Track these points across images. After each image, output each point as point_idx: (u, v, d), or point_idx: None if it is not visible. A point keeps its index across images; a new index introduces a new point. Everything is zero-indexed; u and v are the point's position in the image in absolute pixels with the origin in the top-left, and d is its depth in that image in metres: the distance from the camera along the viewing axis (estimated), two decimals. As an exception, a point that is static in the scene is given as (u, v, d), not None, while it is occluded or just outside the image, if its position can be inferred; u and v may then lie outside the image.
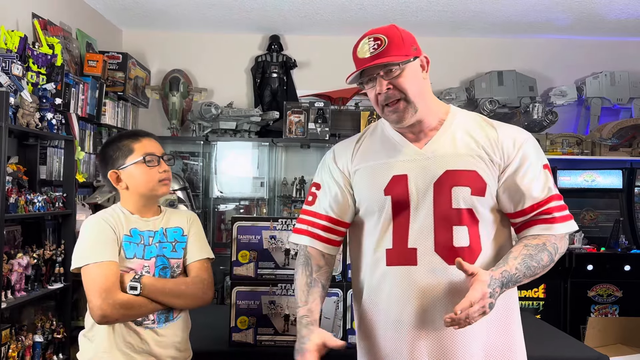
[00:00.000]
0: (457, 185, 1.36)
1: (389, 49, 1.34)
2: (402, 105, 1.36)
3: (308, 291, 1.46)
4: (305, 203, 1.55)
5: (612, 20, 4.13)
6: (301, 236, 1.52)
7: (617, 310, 3.76)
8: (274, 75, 4.53)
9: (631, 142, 4.28)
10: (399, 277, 1.37)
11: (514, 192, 1.38)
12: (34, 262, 2.63)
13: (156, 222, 1.66)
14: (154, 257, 1.60)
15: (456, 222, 1.36)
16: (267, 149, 4.42)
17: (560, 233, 1.37)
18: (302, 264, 1.49)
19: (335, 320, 1.96)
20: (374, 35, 1.37)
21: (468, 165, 1.37)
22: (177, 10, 4.12)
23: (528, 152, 1.39)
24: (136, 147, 1.62)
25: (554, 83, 4.59)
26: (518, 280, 1.31)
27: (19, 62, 2.65)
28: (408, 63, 1.36)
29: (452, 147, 1.39)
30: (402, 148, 1.43)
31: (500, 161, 1.38)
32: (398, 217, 1.39)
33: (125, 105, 4.19)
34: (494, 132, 1.41)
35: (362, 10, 4.04)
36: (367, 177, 1.45)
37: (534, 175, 1.38)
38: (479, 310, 1.21)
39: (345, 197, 1.49)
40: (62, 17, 3.55)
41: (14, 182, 2.71)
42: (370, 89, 1.39)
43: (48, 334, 2.68)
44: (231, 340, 1.96)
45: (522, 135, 1.42)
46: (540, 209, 1.37)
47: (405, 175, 1.39)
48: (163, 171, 1.63)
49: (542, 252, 1.34)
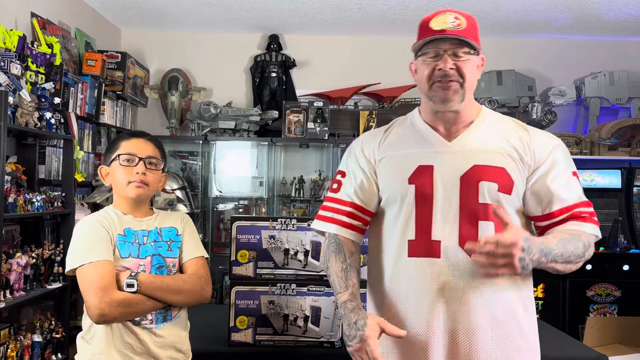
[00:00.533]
0: (484, 180, 1.35)
1: (468, 32, 1.34)
2: (455, 86, 1.35)
3: (346, 276, 1.43)
4: (330, 190, 1.55)
5: (611, 20, 4.13)
6: (327, 224, 1.50)
7: (616, 309, 3.77)
8: (273, 75, 4.52)
9: (630, 142, 4.29)
10: (421, 269, 1.36)
11: (542, 195, 1.38)
12: (32, 262, 2.62)
13: (150, 222, 1.65)
14: (150, 256, 1.59)
15: (482, 217, 1.35)
16: (266, 149, 4.42)
17: (591, 233, 1.37)
18: (334, 252, 1.47)
19: (334, 320, 1.96)
20: (454, 14, 1.36)
21: (497, 162, 1.37)
22: (176, 10, 4.11)
23: (559, 157, 1.40)
24: (122, 145, 1.61)
25: (553, 83, 4.59)
26: (556, 257, 1.28)
27: (17, 62, 2.64)
28: (475, 54, 1.37)
29: (481, 143, 1.39)
30: (430, 139, 1.43)
31: (531, 162, 1.38)
32: (421, 208, 1.38)
33: (124, 104, 4.19)
34: (527, 135, 1.41)
35: (361, 10, 4.04)
36: (392, 165, 1.45)
37: (564, 179, 1.38)
38: (505, 254, 1.18)
39: (370, 185, 1.48)
40: (61, 17, 3.55)
41: (13, 182, 2.71)
42: (427, 63, 1.36)
43: (47, 334, 2.68)
44: (230, 340, 1.96)
45: (555, 140, 1.43)
46: (570, 212, 1.37)
47: (432, 166, 1.39)
48: (137, 173, 1.58)
49: (579, 241, 1.33)
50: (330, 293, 1.96)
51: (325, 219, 1.51)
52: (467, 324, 1.34)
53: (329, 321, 1.96)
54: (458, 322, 1.34)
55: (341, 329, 1.95)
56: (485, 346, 1.34)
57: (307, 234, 1.98)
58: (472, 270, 1.33)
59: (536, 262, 1.25)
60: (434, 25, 1.35)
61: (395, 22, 4.29)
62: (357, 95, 4.60)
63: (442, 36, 1.33)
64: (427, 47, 1.37)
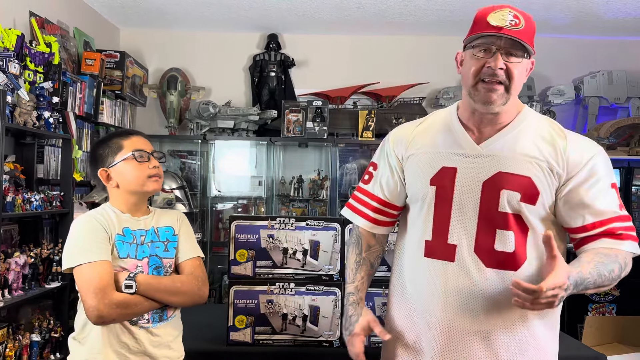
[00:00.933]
0: (506, 188, 1.30)
1: (525, 33, 1.28)
2: (501, 90, 1.29)
3: (356, 269, 1.50)
4: (362, 181, 1.57)
5: (609, 19, 4.14)
6: (355, 215, 1.54)
7: (615, 309, 3.77)
8: (272, 74, 4.52)
9: (629, 141, 4.29)
10: (435, 270, 1.36)
11: (576, 205, 1.31)
12: (31, 261, 2.62)
13: (147, 221, 1.65)
14: (147, 256, 1.59)
15: (501, 226, 1.31)
16: (265, 148, 4.42)
17: (629, 250, 1.30)
18: (353, 243, 1.54)
19: (333, 320, 1.96)
20: (514, 12, 1.30)
21: (523, 171, 1.31)
22: (175, 9, 4.11)
23: (597, 167, 1.31)
24: (125, 144, 1.61)
25: (552, 82, 4.59)
26: (588, 285, 1.23)
27: (16, 61, 2.64)
28: (527, 57, 1.31)
29: (510, 150, 1.33)
30: (459, 140, 1.38)
31: (563, 172, 1.31)
32: (440, 210, 1.36)
33: (123, 104, 4.18)
34: (564, 141, 1.33)
35: (360, 10, 4.04)
36: (417, 164, 1.43)
37: (600, 190, 1.30)
38: (551, 296, 1.13)
39: (396, 182, 1.49)
40: (60, 16, 3.54)
41: (11, 181, 2.70)
42: (477, 58, 1.30)
43: (45, 333, 2.68)
44: (229, 340, 1.96)
45: (594, 148, 1.34)
46: (605, 227, 1.30)
47: (455, 168, 1.36)
48: (153, 167, 1.61)
49: (614, 262, 1.26)
50: (329, 292, 1.96)
51: (353, 209, 1.55)
52: (479, 329, 1.32)
53: (328, 320, 1.96)
54: (468, 327, 1.33)
55: (339, 328, 1.96)
56: (495, 352, 1.32)
57: (305, 233, 1.98)
58: (483, 277, 1.31)
59: (569, 294, 1.20)
60: (492, 20, 1.28)
61: (395, 22, 4.29)
62: (356, 94, 4.60)
63: (499, 34, 1.27)
64: (479, 40, 1.30)
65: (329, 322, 1.96)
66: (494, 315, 1.32)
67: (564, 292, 1.16)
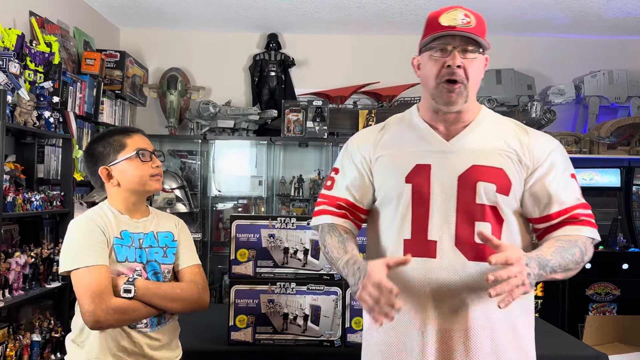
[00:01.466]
0: (482, 180, 1.34)
1: (477, 30, 1.33)
2: (460, 89, 1.34)
3: (344, 245, 1.42)
4: (324, 187, 1.54)
5: (610, 18, 4.13)
6: (320, 216, 1.50)
7: (615, 308, 3.77)
8: (272, 74, 4.52)
9: (629, 141, 4.29)
10: (416, 268, 1.35)
11: (541, 196, 1.37)
12: (31, 261, 2.62)
13: (146, 224, 1.62)
14: (146, 262, 1.57)
15: (479, 217, 1.34)
16: (265, 148, 4.42)
17: (588, 236, 1.35)
18: (327, 232, 1.46)
19: (334, 319, 1.95)
20: (464, 12, 1.34)
21: (495, 163, 1.36)
22: (175, 9, 4.11)
23: (558, 159, 1.39)
24: (128, 143, 1.59)
25: (552, 81, 4.59)
26: (554, 268, 1.27)
27: (16, 60, 2.64)
28: (482, 53, 1.36)
29: (480, 144, 1.39)
30: (429, 138, 1.42)
31: (530, 163, 1.37)
32: (417, 207, 1.37)
33: (123, 103, 4.18)
34: (526, 136, 1.40)
35: (360, 9, 4.04)
36: (389, 163, 1.44)
37: (562, 181, 1.38)
38: (518, 275, 1.16)
39: (364, 182, 1.47)
40: (60, 16, 3.54)
41: (12, 181, 2.70)
42: (435, 58, 1.35)
43: (46, 333, 2.67)
44: (230, 339, 1.96)
45: (553, 142, 1.43)
46: (568, 215, 1.36)
47: (429, 165, 1.38)
48: (155, 166, 1.60)
49: (574, 247, 1.32)
50: (330, 292, 1.96)
51: (318, 213, 1.51)
52: (462, 325, 1.33)
53: (329, 320, 1.96)
54: (452, 323, 1.33)
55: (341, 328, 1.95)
56: (480, 347, 1.33)
57: (306, 232, 1.98)
58: (467, 271, 1.32)
59: (538, 277, 1.23)
60: (444, 21, 1.33)
61: (395, 21, 4.29)
62: (356, 94, 4.60)
63: (453, 32, 1.32)
64: (434, 42, 1.35)
65: (330, 321, 1.96)
66: (479, 308, 1.33)
67: (527, 268, 1.18)
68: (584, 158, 4.25)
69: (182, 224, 1.71)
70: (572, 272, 1.33)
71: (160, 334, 1.57)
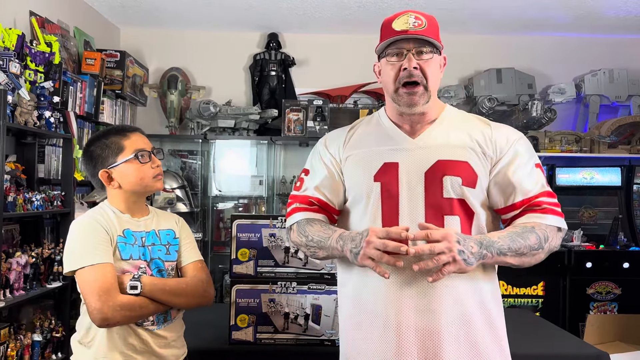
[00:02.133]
0: (448, 174, 1.37)
1: (429, 31, 1.38)
2: (420, 90, 1.38)
3: (328, 227, 1.45)
4: (294, 189, 1.57)
5: (610, 17, 4.13)
6: (293, 214, 1.51)
7: (616, 307, 3.77)
8: (273, 74, 4.52)
9: (630, 140, 4.29)
10: (389, 266, 1.33)
11: (505, 186, 1.40)
12: (32, 261, 2.62)
13: (147, 222, 1.63)
14: (149, 259, 1.57)
15: (447, 211, 1.37)
16: (265, 147, 4.42)
17: (551, 224, 1.37)
18: (305, 224, 1.47)
19: (335, 319, 1.95)
20: (415, 14, 1.39)
21: (460, 156, 1.39)
22: (175, 8, 4.11)
23: (520, 149, 1.42)
24: (126, 144, 1.57)
25: (553, 80, 4.59)
26: (501, 250, 1.30)
27: (16, 60, 2.64)
28: (437, 53, 1.41)
29: (444, 139, 1.42)
30: (395, 137, 1.46)
31: (493, 155, 1.41)
32: (387, 205, 1.39)
33: (123, 103, 4.18)
34: (488, 129, 1.44)
35: (361, 9, 4.04)
36: (357, 163, 1.46)
37: (525, 171, 1.40)
38: (446, 251, 1.22)
39: (335, 181, 1.50)
40: (60, 15, 3.54)
41: (12, 181, 2.70)
42: (392, 63, 1.40)
43: (47, 333, 2.68)
44: (231, 339, 1.96)
45: (516, 134, 1.46)
46: (531, 202, 1.38)
47: (397, 163, 1.41)
48: (156, 166, 1.60)
49: (530, 232, 1.34)
50: (331, 291, 1.96)
51: (289, 213, 1.53)
52: (437, 320, 1.33)
53: (330, 319, 1.96)
54: (428, 319, 1.33)
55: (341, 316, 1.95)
56: (457, 341, 1.34)
57: (307, 232, 1.97)
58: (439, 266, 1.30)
59: (478, 256, 1.27)
60: (396, 26, 1.38)
61: (395, 20, 4.28)
62: (356, 93, 4.60)
63: (405, 36, 1.36)
64: (390, 47, 1.40)
65: (331, 321, 1.96)
66: (454, 304, 1.34)
67: (459, 245, 1.23)
68: (584, 157, 4.26)
69: (182, 221, 1.72)
70: (528, 258, 1.35)
71: (167, 332, 1.58)
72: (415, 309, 1.34)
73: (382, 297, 1.37)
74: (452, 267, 1.23)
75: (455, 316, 1.34)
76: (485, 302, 1.38)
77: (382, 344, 1.36)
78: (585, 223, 4.07)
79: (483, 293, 1.39)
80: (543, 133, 4.28)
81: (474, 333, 1.35)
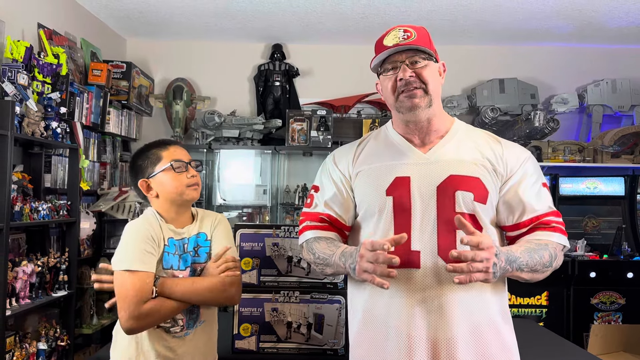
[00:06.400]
0: (460, 189, 1.38)
1: (419, 41, 1.41)
2: (419, 93, 1.40)
3: (334, 244, 1.47)
4: (305, 206, 1.58)
5: (612, 28, 4.15)
6: (304, 233, 1.53)
7: (620, 317, 3.75)
8: (277, 84, 4.56)
9: (633, 149, 4.29)
10: (401, 279, 1.36)
11: (515, 204, 1.41)
12: (38, 270, 2.64)
13: (190, 228, 1.67)
14: (188, 266, 1.62)
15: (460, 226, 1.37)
16: (269, 157, 4.44)
17: (558, 242, 1.40)
18: (313, 241, 1.50)
19: (337, 328, 1.96)
20: (404, 28, 1.43)
21: (472, 172, 1.40)
22: (181, 20, 4.15)
23: (530, 169, 1.44)
24: (164, 155, 1.65)
25: (556, 91, 4.60)
26: (521, 266, 1.31)
27: (24, 72, 2.68)
28: (433, 60, 1.42)
29: (456, 154, 1.43)
30: (406, 152, 1.46)
31: (504, 172, 1.42)
32: (399, 219, 1.40)
33: (129, 113, 4.22)
34: (499, 147, 1.46)
35: (364, 20, 4.08)
36: (369, 178, 1.47)
37: (534, 190, 1.42)
38: (484, 261, 1.20)
39: (345, 198, 1.51)
40: (67, 27, 3.59)
41: (19, 190, 2.73)
42: (389, 77, 1.43)
43: (52, 342, 2.69)
44: (234, 347, 1.97)
45: (525, 152, 1.48)
46: (540, 220, 1.41)
47: (408, 177, 1.41)
48: (191, 176, 1.65)
49: (544, 249, 1.36)
50: (334, 300, 1.97)
51: (301, 231, 1.55)
52: (449, 334, 1.33)
53: (333, 329, 1.97)
54: (439, 332, 1.34)
55: (344, 336, 1.96)
56: (467, 355, 1.33)
57: (310, 241, 1.99)
58: (451, 279, 1.31)
59: (503, 270, 1.27)
60: (387, 42, 1.41)
61: (398, 31, 4.31)
62: (360, 103, 4.63)
63: (397, 49, 1.39)
64: (385, 63, 1.43)
65: (334, 330, 1.97)
66: (465, 316, 1.35)
67: (495, 257, 1.22)
68: (587, 167, 4.26)
69: (220, 220, 1.73)
70: (538, 275, 1.37)
71: (196, 336, 1.61)
72: (427, 320, 1.35)
73: (394, 310, 1.38)
74: (480, 276, 1.22)
75: (466, 328, 1.34)
76: (494, 314, 1.38)
77: (394, 356, 1.37)
78: (588, 233, 4.07)
79: (494, 306, 1.39)
80: (546, 143, 4.29)
81: (485, 345, 1.35)
